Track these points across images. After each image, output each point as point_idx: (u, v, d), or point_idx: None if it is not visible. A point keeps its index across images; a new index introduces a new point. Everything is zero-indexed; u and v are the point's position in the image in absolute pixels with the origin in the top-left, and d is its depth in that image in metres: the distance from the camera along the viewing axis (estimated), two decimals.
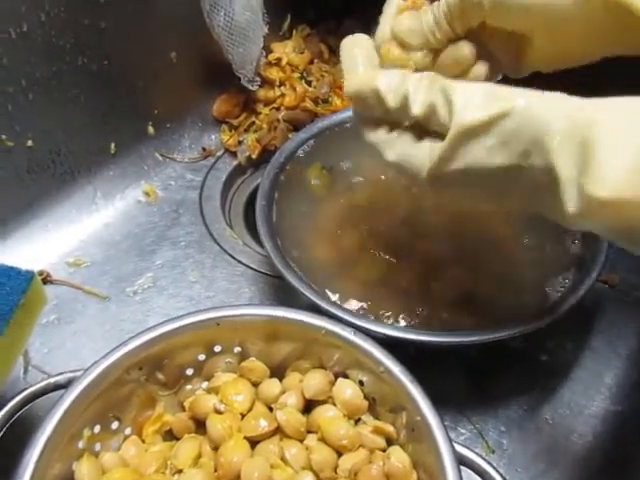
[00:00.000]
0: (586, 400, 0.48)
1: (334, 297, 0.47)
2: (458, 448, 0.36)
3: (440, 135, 0.33)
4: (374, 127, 0.36)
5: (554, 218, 0.32)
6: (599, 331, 0.52)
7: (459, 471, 0.34)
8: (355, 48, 0.39)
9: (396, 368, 0.38)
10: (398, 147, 0.35)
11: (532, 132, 0.30)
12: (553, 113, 0.30)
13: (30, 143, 0.53)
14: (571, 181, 0.29)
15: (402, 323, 0.45)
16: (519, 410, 0.47)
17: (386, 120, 0.36)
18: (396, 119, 0.35)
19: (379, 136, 0.36)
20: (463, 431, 0.46)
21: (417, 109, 0.33)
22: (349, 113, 0.59)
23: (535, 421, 0.47)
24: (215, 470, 0.37)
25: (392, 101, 0.34)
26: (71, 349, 0.50)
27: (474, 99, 0.31)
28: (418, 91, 0.33)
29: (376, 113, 0.36)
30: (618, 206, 0.27)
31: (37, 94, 0.52)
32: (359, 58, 0.38)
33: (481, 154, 0.31)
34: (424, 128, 0.34)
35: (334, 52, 0.74)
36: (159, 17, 0.59)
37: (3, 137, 0.51)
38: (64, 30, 0.52)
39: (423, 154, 0.34)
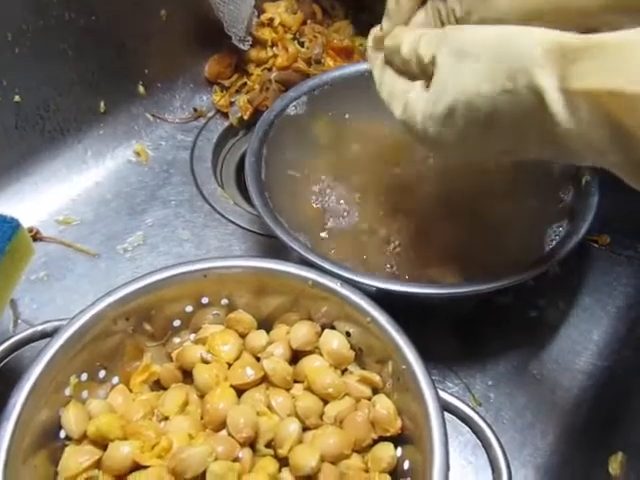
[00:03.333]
0: (573, 356, 0.48)
1: (324, 250, 0.47)
2: (442, 395, 0.36)
3: None
4: (395, 76, 0.37)
5: (548, 142, 0.31)
6: (589, 289, 0.52)
7: (443, 417, 0.34)
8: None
9: (382, 318, 0.38)
10: (401, 94, 0.36)
11: (514, 52, 0.30)
12: (533, 33, 0.29)
13: (17, 98, 0.53)
14: (556, 90, 0.28)
15: (391, 277, 0.45)
16: (507, 365, 0.48)
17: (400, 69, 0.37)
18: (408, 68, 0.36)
19: (390, 91, 0.37)
20: (450, 385, 0.47)
21: (425, 59, 0.34)
22: (339, 72, 0.59)
23: (523, 376, 0.47)
24: (201, 418, 0.38)
25: (406, 49, 0.35)
26: (60, 304, 0.50)
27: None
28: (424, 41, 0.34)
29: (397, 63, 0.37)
30: (604, 99, 0.26)
31: (24, 48, 0.51)
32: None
33: (467, 80, 0.31)
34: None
35: (327, 13, 0.74)
36: None
37: None
38: None
39: (420, 96, 0.34)
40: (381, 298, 0.39)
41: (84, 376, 0.38)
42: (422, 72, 0.34)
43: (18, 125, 0.54)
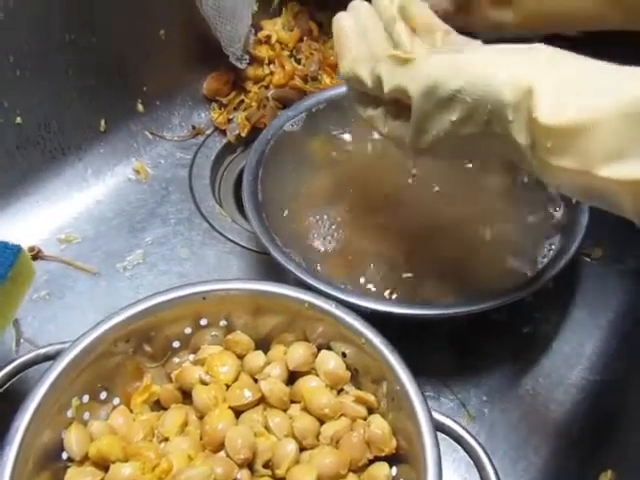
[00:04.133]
0: (566, 370, 0.49)
1: (319, 270, 0.48)
2: (436, 416, 0.37)
3: None
4: (365, 104, 0.40)
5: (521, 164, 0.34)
6: (581, 303, 0.53)
7: (436, 437, 0.35)
8: (346, 22, 0.40)
9: (377, 339, 0.39)
10: (384, 122, 0.38)
11: (488, 105, 0.31)
12: (504, 77, 0.31)
13: (19, 120, 0.54)
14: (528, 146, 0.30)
15: (386, 295, 0.46)
16: (501, 380, 0.49)
17: (373, 98, 0.38)
18: (378, 96, 0.37)
19: (368, 112, 0.39)
20: (445, 401, 0.47)
21: (386, 90, 0.36)
22: (336, 90, 0.60)
23: (516, 391, 0.48)
24: (201, 438, 0.38)
25: (370, 82, 0.37)
26: (62, 323, 0.51)
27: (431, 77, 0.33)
28: (387, 74, 0.35)
29: (364, 91, 0.39)
30: (563, 133, 0.28)
31: (25, 70, 0.52)
32: (349, 33, 0.40)
33: (447, 127, 0.33)
34: (402, 104, 0.35)
35: (324, 29, 0.75)
36: None
37: None
38: (52, 6, 0.52)
39: (400, 128, 0.36)
40: (376, 318, 0.40)
41: (86, 397, 0.39)
42: (391, 100, 0.36)
43: (19, 145, 0.55)
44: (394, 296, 0.46)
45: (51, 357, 0.39)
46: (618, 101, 0.26)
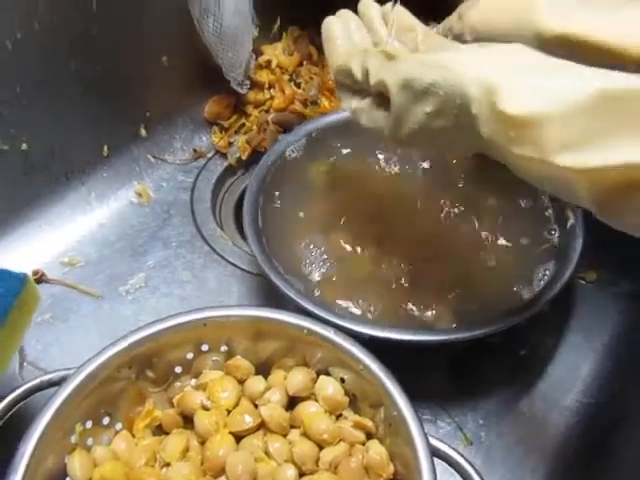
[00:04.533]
0: (562, 393, 0.50)
1: (318, 295, 0.48)
2: (432, 441, 0.37)
3: None
4: (351, 96, 0.42)
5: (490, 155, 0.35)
6: (576, 326, 0.54)
7: (432, 462, 0.36)
8: (335, 25, 0.45)
9: (374, 365, 0.40)
10: (367, 113, 0.40)
11: (457, 99, 0.33)
12: (473, 75, 0.33)
13: (25, 146, 0.55)
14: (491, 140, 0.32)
15: (384, 320, 0.47)
16: (498, 403, 0.49)
17: (359, 90, 0.41)
18: (365, 89, 0.40)
19: (353, 103, 0.42)
20: (442, 424, 0.48)
21: (372, 83, 0.38)
22: (336, 116, 0.61)
23: (513, 414, 0.49)
24: (202, 463, 0.39)
25: (359, 74, 0.40)
26: (65, 346, 0.52)
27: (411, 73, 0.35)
28: (374, 68, 0.38)
29: (350, 84, 0.42)
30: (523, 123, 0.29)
31: (31, 99, 0.54)
32: (338, 34, 0.44)
33: (422, 119, 0.36)
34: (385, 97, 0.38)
35: (323, 54, 0.76)
36: (150, 22, 0.61)
37: None
38: (57, 37, 0.53)
39: (382, 119, 0.39)
40: (374, 343, 0.41)
41: (89, 423, 0.40)
42: (376, 92, 0.39)
43: (25, 171, 0.56)
44: (392, 321, 0.47)
45: (55, 383, 0.40)
46: (575, 95, 0.28)
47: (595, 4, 0.39)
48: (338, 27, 0.45)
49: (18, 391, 0.39)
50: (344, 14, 0.46)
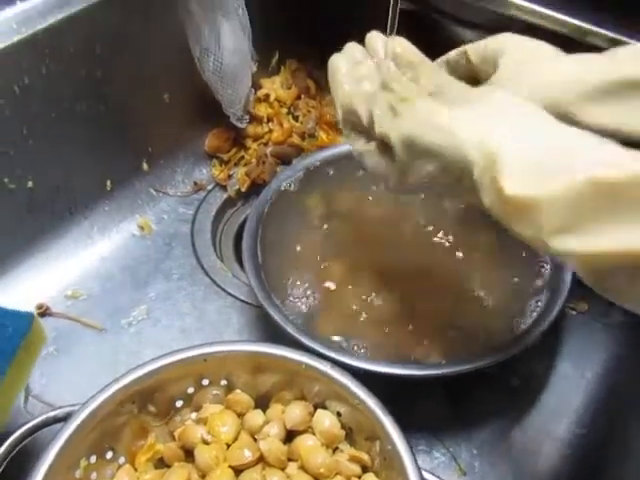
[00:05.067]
0: (554, 423, 0.51)
1: (316, 327, 0.50)
2: (426, 475, 0.39)
3: None
4: (356, 135, 0.42)
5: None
6: (568, 357, 0.55)
7: None
8: (340, 62, 0.44)
9: (370, 400, 0.41)
10: (372, 157, 0.40)
11: (460, 164, 0.33)
12: (475, 140, 0.32)
13: (30, 184, 0.57)
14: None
15: (379, 355, 0.48)
16: (490, 433, 0.50)
17: (365, 132, 0.41)
18: (371, 132, 0.40)
19: (359, 145, 0.41)
20: (437, 454, 0.49)
21: (377, 132, 0.38)
22: (333, 150, 0.63)
23: (505, 444, 0.50)
24: None
25: (365, 119, 0.39)
26: (69, 379, 0.53)
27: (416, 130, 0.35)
28: (379, 118, 0.38)
29: (357, 122, 0.41)
30: (524, 206, 0.30)
31: (37, 140, 0.55)
32: (344, 71, 0.43)
33: (425, 175, 0.36)
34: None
35: (320, 86, 0.78)
36: (152, 62, 0.63)
37: (5, 180, 0.55)
38: (62, 80, 0.55)
39: (388, 167, 0.39)
40: (369, 376, 0.43)
41: (93, 458, 0.41)
42: (380, 140, 0.39)
43: (30, 208, 0.57)
44: (387, 355, 0.48)
45: (61, 419, 0.41)
46: (569, 182, 0.28)
47: None
48: (343, 63, 0.44)
49: (25, 427, 0.41)
50: (350, 48, 0.45)
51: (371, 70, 0.42)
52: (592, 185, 0.27)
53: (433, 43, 0.75)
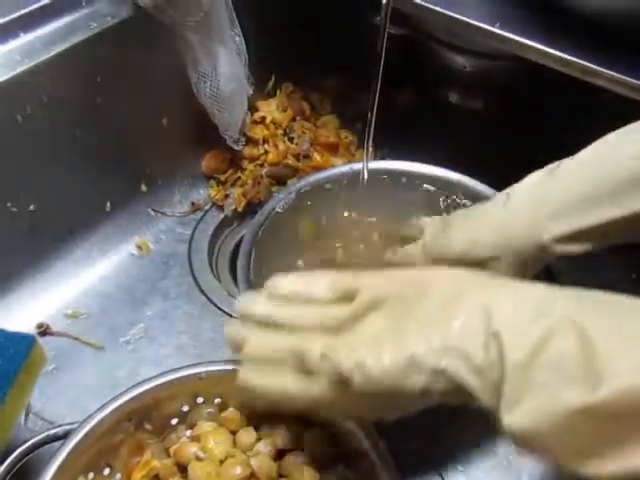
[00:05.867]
0: None
1: None
2: None
3: None
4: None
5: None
6: None
7: None
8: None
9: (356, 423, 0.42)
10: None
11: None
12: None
13: (32, 207, 0.59)
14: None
15: None
16: (476, 451, 0.52)
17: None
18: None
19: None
20: (423, 471, 0.51)
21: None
22: (327, 172, 0.64)
23: (492, 461, 0.52)
24: None
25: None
26: (68, 397, 0.55)
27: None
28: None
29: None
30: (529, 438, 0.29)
31: (39, 164, 0.58)
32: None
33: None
34: None
35: (315, 109, 0.80)
36: (151, 88, 0.65)
37: (8, 204, 0.57)
38: (63, 108, 0.57)
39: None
40: None
41: (91, 475, 0.42)
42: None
43: (32, 231, 0.59)
44: None
45: (60, 437, 0.42)
46: (565, 411, 0.27)
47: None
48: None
49: (26, 445, 0.42)
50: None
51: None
52: (585, 415, 0.26)
53: (425, 67, 0.77)
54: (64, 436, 0.42)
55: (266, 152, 0.74)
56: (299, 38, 0.76)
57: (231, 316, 0.62)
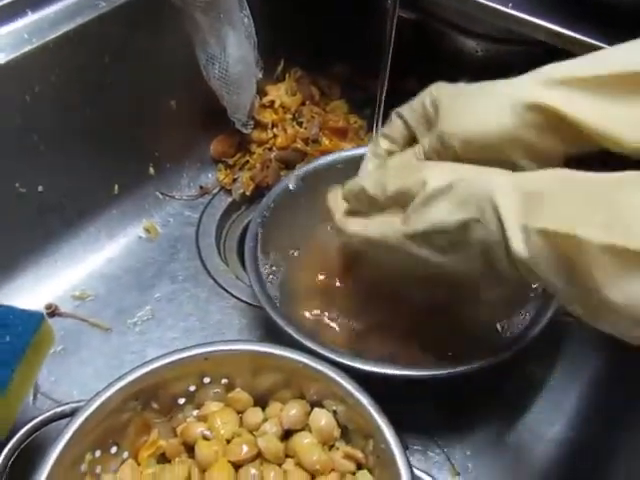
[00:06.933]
0: (547, 426, 0.52)
1: (314, 329, 0.51)
2: (417, 473, 0.40)
3: None
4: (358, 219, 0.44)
5: (500, 271, 0.37)
6: (563, 362, 0.56)
7: None
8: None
9: (365, 400, 0.42)
10: (378, 223, 0.42)
11: (482, 191, 0.35)
12: (496, 176, 0.36)
13: (41, 188, 0.59)
14: (516, 225, 0.34)
15: (376, 357, 0.50)
16: (485, 435, 0.52)
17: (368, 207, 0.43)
18: (376, 204, 0.42)
19: (362, 223, 0.43)
20: (432, 454, 0.51)
21: (390, 191, 0.40)
22: (335, 156, 0.64)
23: (499, 446, 0.51)
24: None
25: (372, 189, 0.41)
26: (76, 377, 0.55)
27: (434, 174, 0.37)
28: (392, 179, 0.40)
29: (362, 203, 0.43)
30: (555, 237, 0.31)
31: (47, 145, 0.57)
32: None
33: (442, 213, 0.37)
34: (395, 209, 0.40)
35: (324, 93, 0.80)
36: (160, 70, 0.65)
37: (17, 185, 0.57)
38: (72, 88, 0.57)
39: (398, 221, 0.40)
40: (367, 377, 0.44)
41: (98, 452, 0.42)
42: (393, 202, 0.40)
43: (40, 212, 0.59)
44: (383, 356, 0.49)
45: (67, 415, 0.42)
46: None
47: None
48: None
49: (32, 422, 0.42)
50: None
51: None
52: None
53: (434, 52, 0.77)
54: (71, 414, 0.42)
55: (275, 136, 0.74)
56: (308, 23, 0.75)
57: (239, 299, 0.62)
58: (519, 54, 0.69)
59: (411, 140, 0.46)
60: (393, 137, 0.46)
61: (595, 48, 0.51)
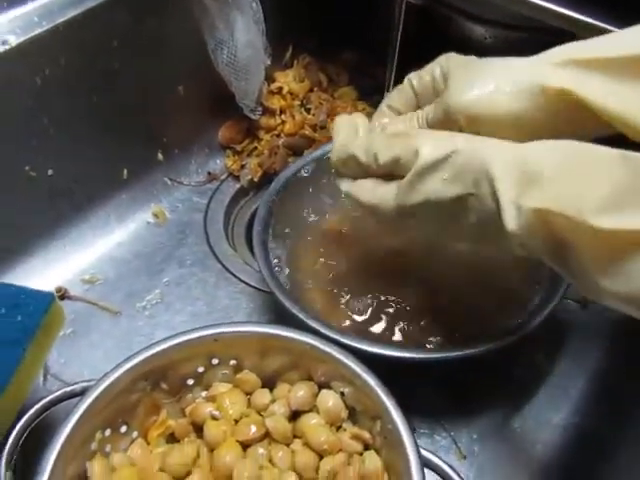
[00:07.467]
0: (553, 412, 0.52)
1: (322, 312, 0.52)
2: (424, 453, 0.40)
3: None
4: (351, 180, 0.44)
5: (495, 242, 0.37)
6: (570, 347, 0.56)
7: (423, 474, 0.39)
8: (343, 122, 0.46)
9: (372, 381, 0.42)
10: (369, 190, 0.42)
11: (478, 164, 0.35)
12: (494, 148, 0.36)
13: (51, 172, 0.59)
14: (511, 202, 0.34)
15: (385, 338, 0.50)
16: (491, 419, 0.52)
17: (363, 172, 0.43)
18: (369, 171, 0.42)
19: (355, 185, 0.43)
20: (439, 438, 0.51)
21: (382, 161, 0.40)
22: None
23: (505, 430, 0.51)
24: (210, 470, 0.42)
25: (363, 158, 0.41)
26: (86, 360, 0.55)
27: (427, 144, 0.38)
28: (384, 147, 0.40)
29: (350, 173, 0.43)
30: (550, 217, 0.32)
31: (57, 129, 0.58)
32: (344, 129, 0.45)
33: (437, 186, 0.37)
34: (389, 175, 0.40)
35: (332, 80, 0.80)
36: (167, 55, 0.65)
37: (27, 168, 0.57)
38: (81, 72, 0.57)
39: (391, 191, 0.40)
40: (374, 359, 0.44)
41: (108, 431, 0.43)
42: (383, 172, 0.40)
43: (50, 196, 0.60)
44: (392, 339, 0.50)
45: (77, 394, 0.43)
46: None
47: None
48: (345, 122, 0.46)
49: (43, 402, 0.43)
50: (354, 116, 0.47)
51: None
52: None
53: (443, 39, 0.76)
54: (81, 393, 0.43)
55: (283, 122, 0.74)
56: (317, 9, 0.75)
57: (247, 284, 0.62)
58: (528, 40, 0.69)
59: (415, 109, 0.46)
60: (397, 107, 0.46)
61: (605, 32, 0.51)
